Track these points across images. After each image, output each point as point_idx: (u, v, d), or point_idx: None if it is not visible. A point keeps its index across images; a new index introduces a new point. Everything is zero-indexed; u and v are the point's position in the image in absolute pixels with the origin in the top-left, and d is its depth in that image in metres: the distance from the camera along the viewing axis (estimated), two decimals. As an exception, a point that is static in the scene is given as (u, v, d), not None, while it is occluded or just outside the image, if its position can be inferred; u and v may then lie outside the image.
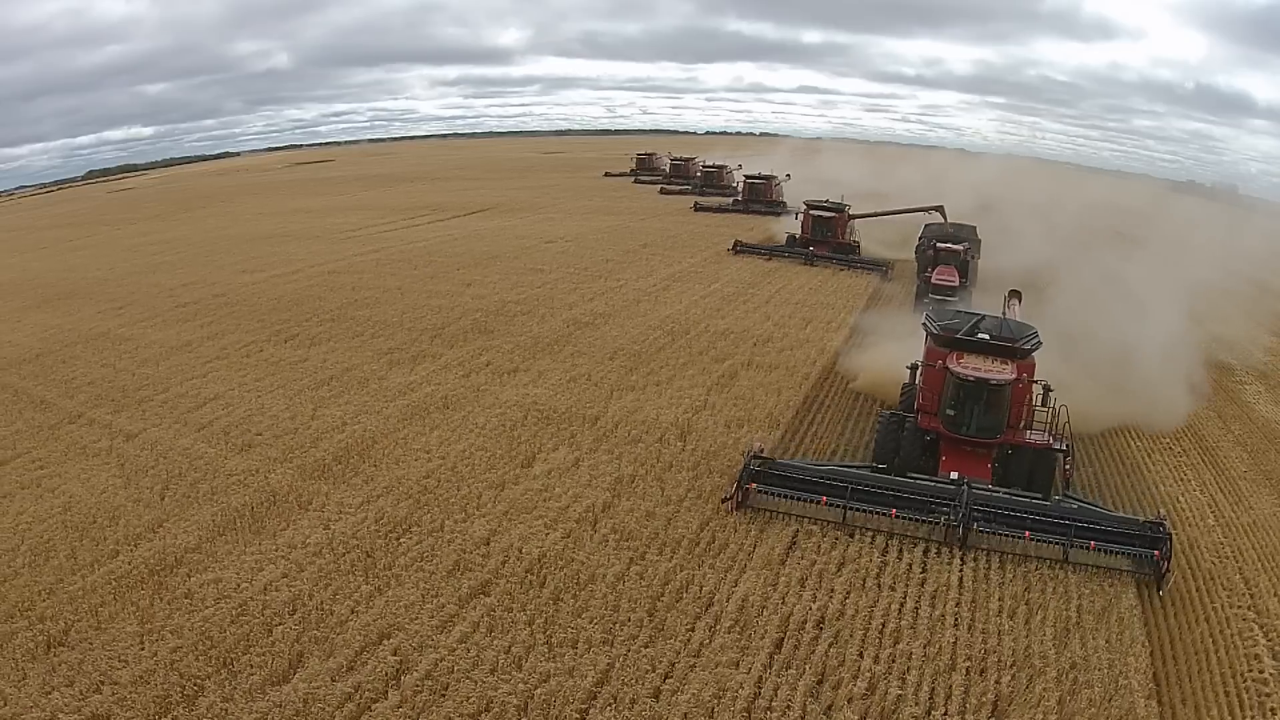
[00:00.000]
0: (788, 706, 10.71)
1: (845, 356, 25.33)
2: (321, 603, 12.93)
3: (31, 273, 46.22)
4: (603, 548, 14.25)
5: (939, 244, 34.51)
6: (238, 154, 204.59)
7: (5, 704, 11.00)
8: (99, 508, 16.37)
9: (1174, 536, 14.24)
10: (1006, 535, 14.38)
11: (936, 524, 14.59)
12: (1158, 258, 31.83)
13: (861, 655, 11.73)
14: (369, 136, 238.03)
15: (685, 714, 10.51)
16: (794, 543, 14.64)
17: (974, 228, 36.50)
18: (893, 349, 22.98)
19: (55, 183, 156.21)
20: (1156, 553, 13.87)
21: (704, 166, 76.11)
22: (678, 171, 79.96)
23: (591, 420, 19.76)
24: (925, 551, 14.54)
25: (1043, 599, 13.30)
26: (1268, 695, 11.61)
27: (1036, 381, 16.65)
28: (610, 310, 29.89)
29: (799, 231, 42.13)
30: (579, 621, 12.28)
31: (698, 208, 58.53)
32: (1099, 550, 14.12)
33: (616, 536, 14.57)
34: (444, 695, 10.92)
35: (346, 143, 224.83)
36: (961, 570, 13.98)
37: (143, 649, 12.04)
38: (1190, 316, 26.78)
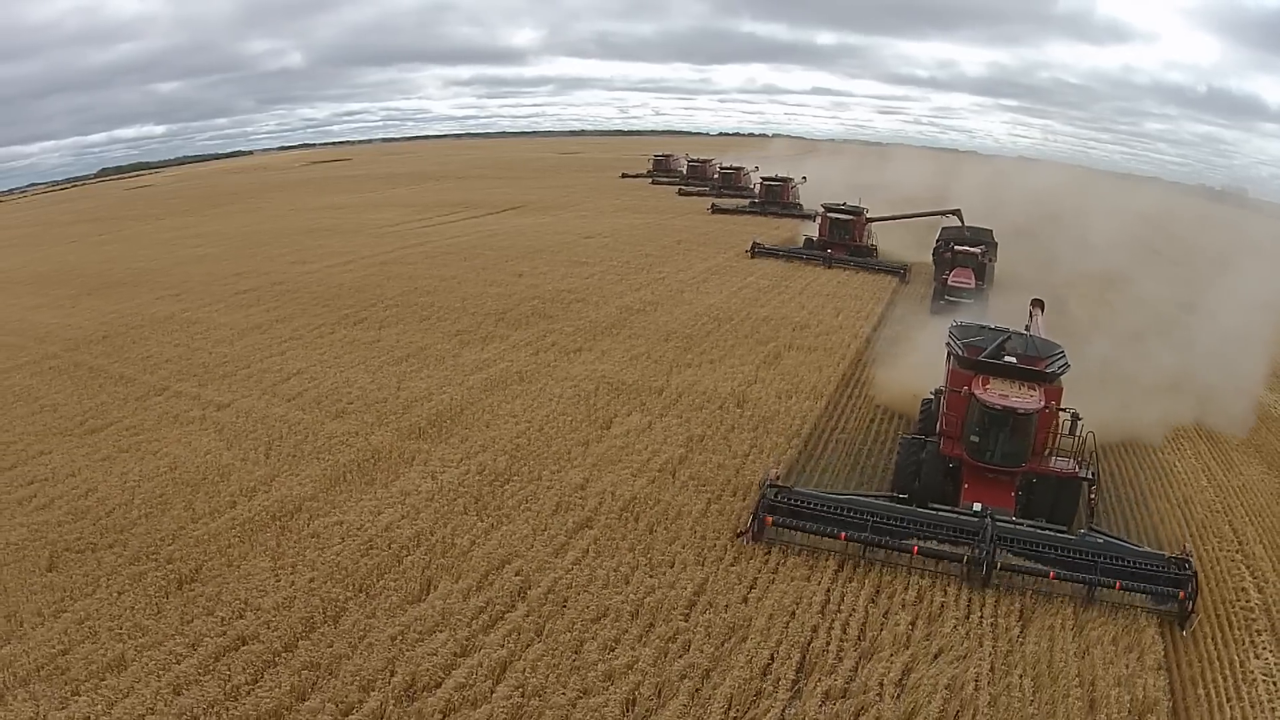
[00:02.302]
0: (853, 609, 13.15)
1: (878, 367, 25.26)
2: (443, 537, 14.87)
3: (69, 264, 47.46)
4: (684, 491, 16.66)
5: (956, 246, 35.32)
6: (249, 153, 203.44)
7: (145, 634, 12.15)
8: (207, 466, 17.83)
9: (1199, 575, 13.92)
10: (1031, 575, 13.91)
11: (959, 561, 14.08)
12: (1221, 269, 32.53)
13: (910, 573, 14.18)
14: (382, 136, 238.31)
15: (770, 615, 12.88)
16: (846, 487, 17.17)
17: (990, 230, 37.41)
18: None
19: (67, 180, 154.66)
20: (1181, 593, 13.49)
21: (721, 168, 77.13)
22: (695, 173, 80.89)
23: (657, 391, 22.15)
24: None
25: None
26: (1253, 620, 13.91)
27: (1064, 409, 16.05)
28: (657, 299, 32.22)
29: (816, 233, 42.94)
30: (673, 547, 14.65)
31: (715, 209, 58.91)
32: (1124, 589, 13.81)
33: (695, 483, 16.99)
34: (565, 605, 13.03)
35: (359, 142, 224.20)
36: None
37: (279, 580, 13.48)
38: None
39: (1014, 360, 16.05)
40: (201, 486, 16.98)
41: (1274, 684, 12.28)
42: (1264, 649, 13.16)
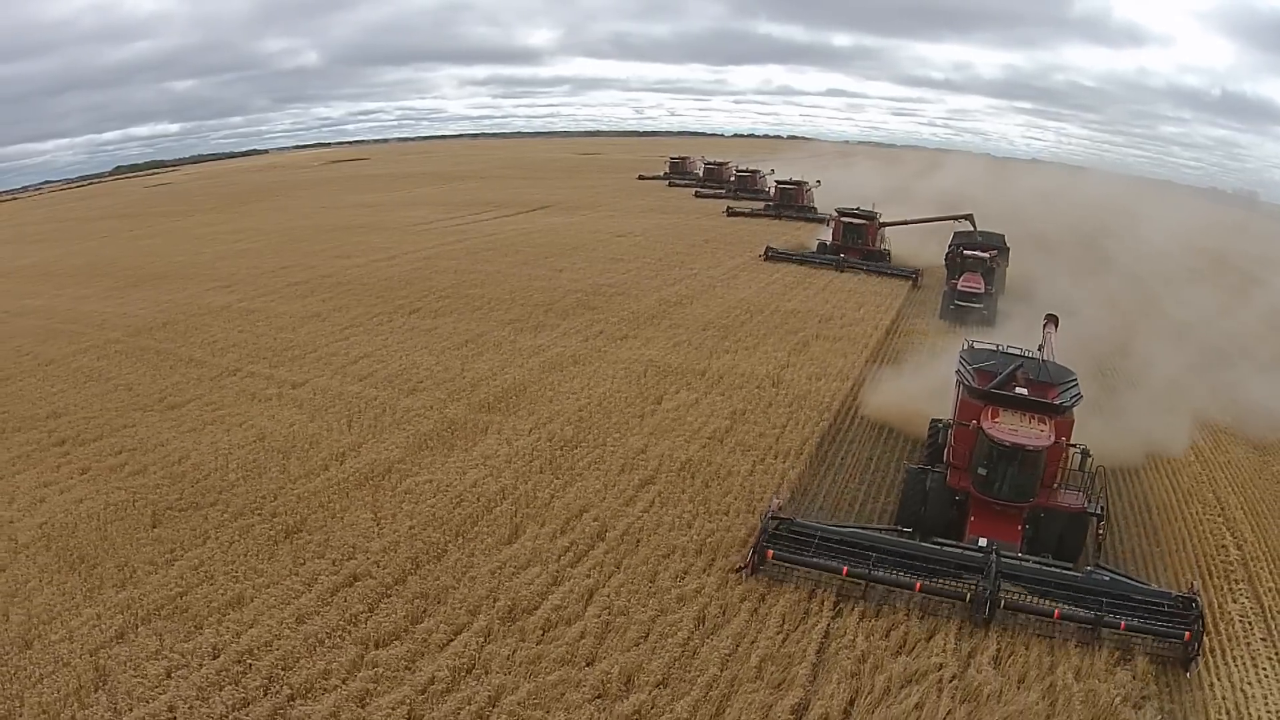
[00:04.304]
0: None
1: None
2: (525, 492, 17.07)
3: (106, 258, 48.85)
4: (733, 455, 19.04)
5: (966, 251, 35.55)
6: (265, 151, 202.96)
7: (260, 575, 13.77)
8: (295, 436, 19.61)
9: (1205, 614, 13.50)
10: (1035, 614, 13.54)
11: (962, 600, 13.71)
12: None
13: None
14: (397, 135, 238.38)
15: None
16: (871, 456, 19.67)
17: (1002, 236, 38.26)
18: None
19: (82, 178, 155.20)
20: (1187, 634, 13.02)
21: (737, 171, 78.65)
22: (711, 175, 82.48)
23: (700, 373, 24.52)
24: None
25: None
26: (1232, 571, 16.03)
27: (1074, 445, 15.91)
28: (692, 293, 34.59)
29: (830, 238, 43.64)
30: (726, 499, 17.00)
31: (730, 212, 58.79)
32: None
33: (741, 448, 19.38)
34: (638, 545, 15.32)
35: (374, 141, 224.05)
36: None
37: (381, 528, 15.36)
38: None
39: (1024, 392, 15.85)
40: (292, 453, 18.83)
41: (1249, 623, 14.36)
42: (1240, 595, 15.23)
